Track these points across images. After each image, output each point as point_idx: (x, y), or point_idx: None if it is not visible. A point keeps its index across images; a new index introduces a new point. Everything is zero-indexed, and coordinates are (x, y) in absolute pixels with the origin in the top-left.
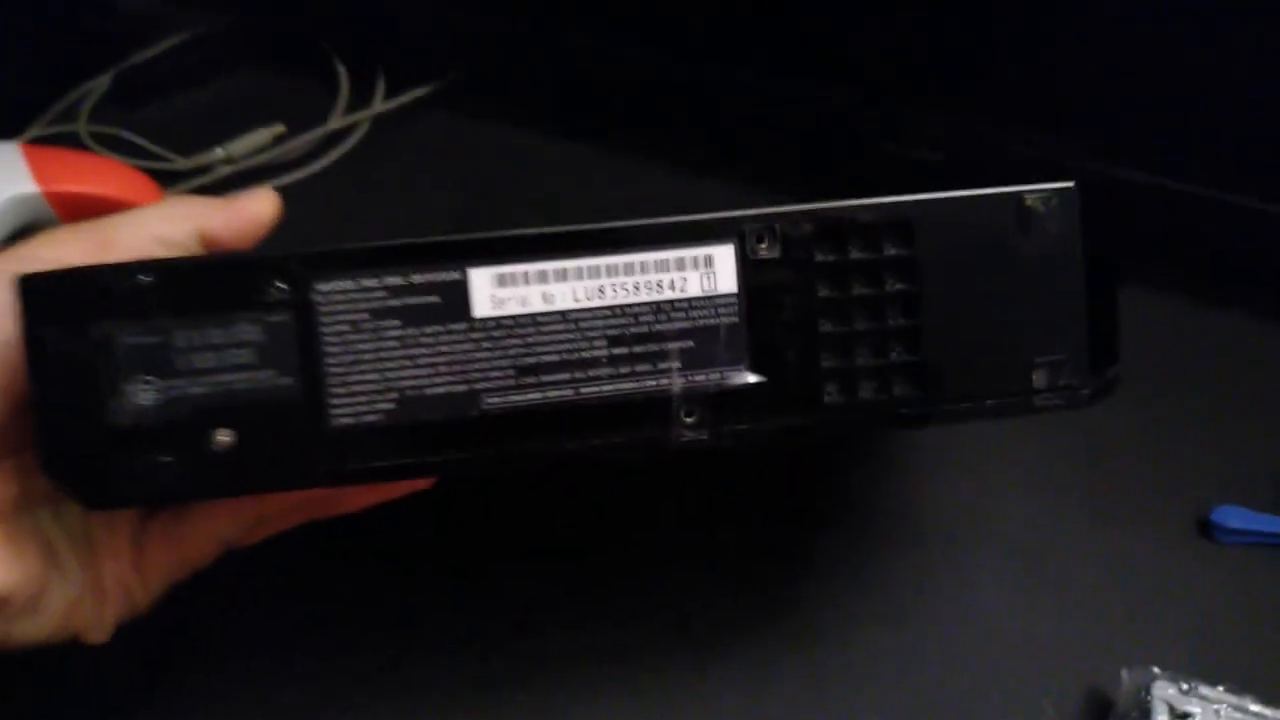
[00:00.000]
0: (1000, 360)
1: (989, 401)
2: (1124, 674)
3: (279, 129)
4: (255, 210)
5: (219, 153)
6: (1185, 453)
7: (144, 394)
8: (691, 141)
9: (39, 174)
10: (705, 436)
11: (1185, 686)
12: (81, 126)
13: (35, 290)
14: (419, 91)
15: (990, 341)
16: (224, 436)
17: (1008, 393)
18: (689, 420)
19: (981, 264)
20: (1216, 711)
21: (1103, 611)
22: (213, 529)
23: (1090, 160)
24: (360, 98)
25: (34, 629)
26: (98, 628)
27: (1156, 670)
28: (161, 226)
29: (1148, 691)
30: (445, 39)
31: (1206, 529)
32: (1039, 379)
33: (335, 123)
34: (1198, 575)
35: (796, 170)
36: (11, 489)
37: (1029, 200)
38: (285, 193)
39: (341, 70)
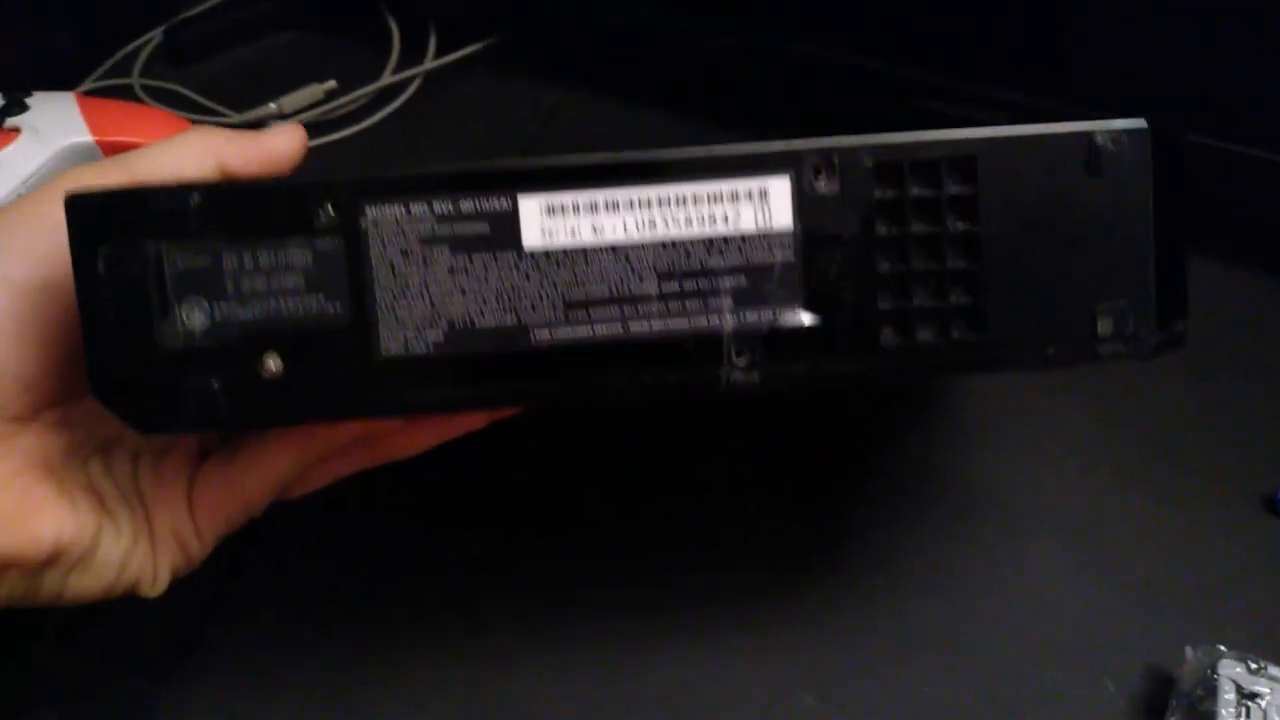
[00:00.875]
0: (1063, 305)
1: (1050, 349)
2: (1188, 652)
3: (331, 85)
4: (276, 146)
5: (271, 107)
6: (1251, 428)
7: (193, 316)
8: (745, 103)
9: (93, 124)
10: (756, 378)
11: (1254, 665)
12: (135, 80)
13: (84, 209)
14: (470, 48)
15: (1053, 286)
16: (273, 363)
17: (1070, 339)
18: (740, 361)
19: (1046, 204)
20: None
21: (1164, 589)
22: (265, 472)
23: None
24: (412, 54)
25: (89, 583)
26: (152, 580)
27: (1223, 649)
28: (181, 160)
29: (1214, 670)
30: None
31: (1274, 506)
32: (1103, 326)
33: (387, 79)
34: (1264, 553)
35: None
36: (61, 440)
37: (1099, 138)
38: (337, 148)
39: (393, 26)
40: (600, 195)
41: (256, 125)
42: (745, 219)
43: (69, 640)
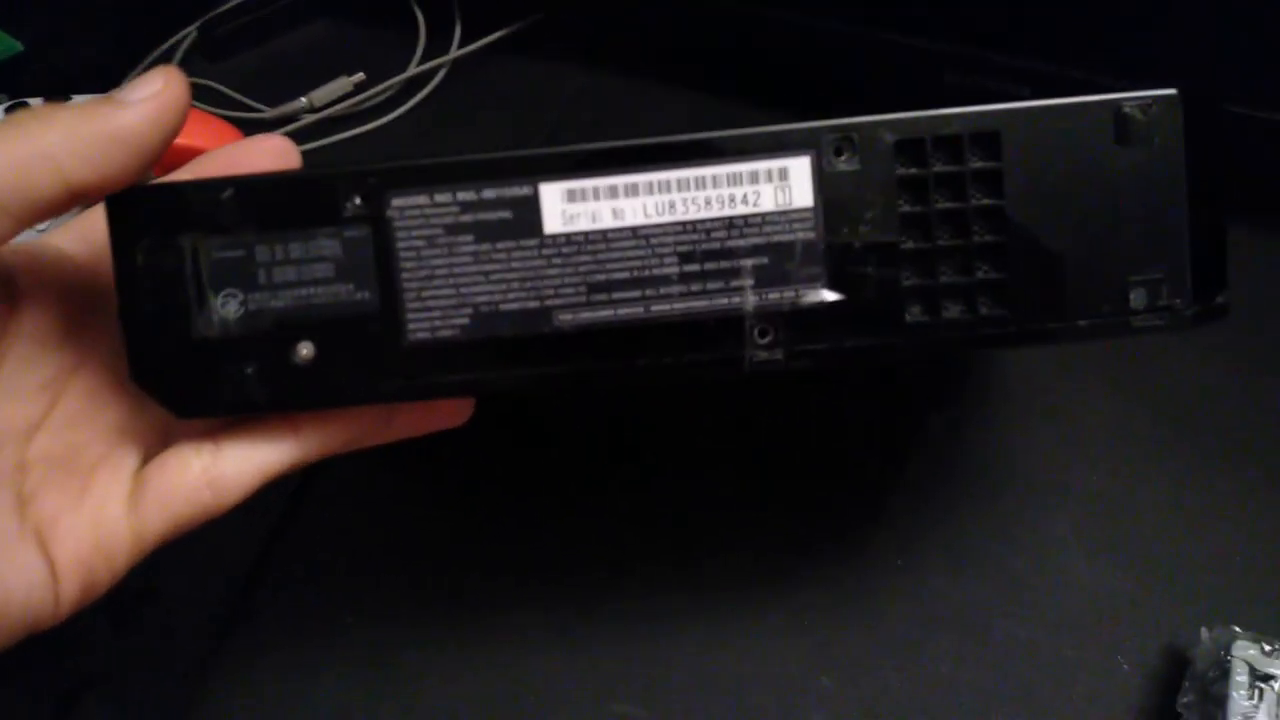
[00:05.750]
0: (1094, 278)
1: (1082, 321)
2: (1204, 632)
3: (359, 77)
4: (123, 122)
5: (302, 102)
6: (1275, 402)
7: (228, 307)
8: (771, 84)
9: None
10: (780, 357)
11: (1268, 647)
12: None
13: (123, 205)
14: (496, 35)
15: (1083, 258)
16: (305, 349)
17: (1102, 312)
18: (763, 340)
19: (1074, 176)
20: None
21: (1184, 568)
22: (255, 464)
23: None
24: (438, 44)
25: None
26: (52, 614)
27: (1238, 629)
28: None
29: (1228, 651)
30: None
31: None
32: (1136, 298)
33: (414, 69)
34: None
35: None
36: None
37: (1127, 108)
38: (368, 140)
39: (420, 16)
40: (620, 180)
41: (289, 119)
42: (765, 199)
43: (116, 622)
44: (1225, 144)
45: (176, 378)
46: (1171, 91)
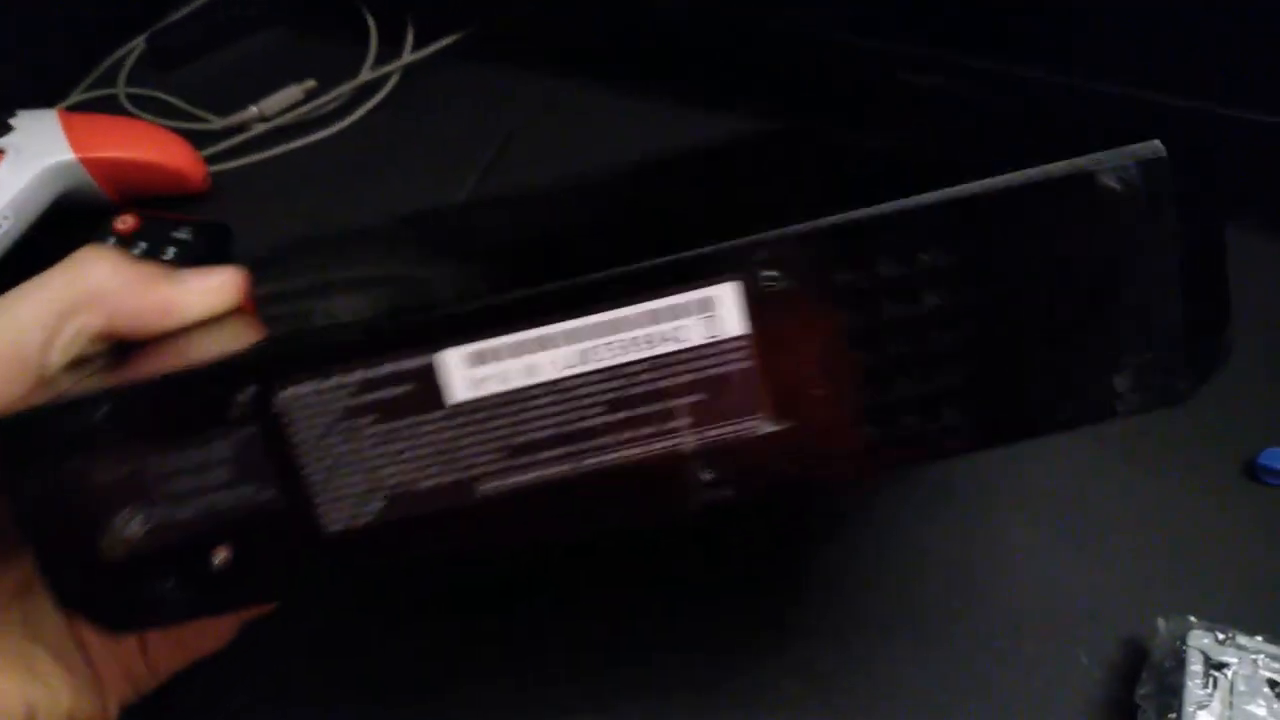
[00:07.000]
0: (1075, 367)
1: (1062, 415)
2: (1160, 623)
3: (310, 84)
4: (180, 301)
5: (252, 110)
6: (1232, 393)
7: (131, 526)
8: (733, 83)
9: (75, 141)
10: (730, 493)
11: (1221, 636)
12: (120, 90)
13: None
14: (448, 40)
15: (1061, 347)
16: (221, 554)
17: (1086, 402)
18: (709, 478)
19: (1045, 259)
20: (1254, 661)
21: (1141, 560)
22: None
23: (1122, 86)
24: (390, 49)
25: None
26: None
27: (1193, 619)
28: (59, 316)
29: (1183, 641)
30: None
31: (1252, 472)
32: (1122, 383)
33: (365, 75)
34: (1241, 521)
35: (814, 108)
36: None
37: (1104, 178)
38: (319, 148)
39: (371, 22)
40: (527, 335)
41: (239, 129)
42: (693, 332)
43: None
44: (1220, 200)
45: (97, 600)
46: (1158, 153)
